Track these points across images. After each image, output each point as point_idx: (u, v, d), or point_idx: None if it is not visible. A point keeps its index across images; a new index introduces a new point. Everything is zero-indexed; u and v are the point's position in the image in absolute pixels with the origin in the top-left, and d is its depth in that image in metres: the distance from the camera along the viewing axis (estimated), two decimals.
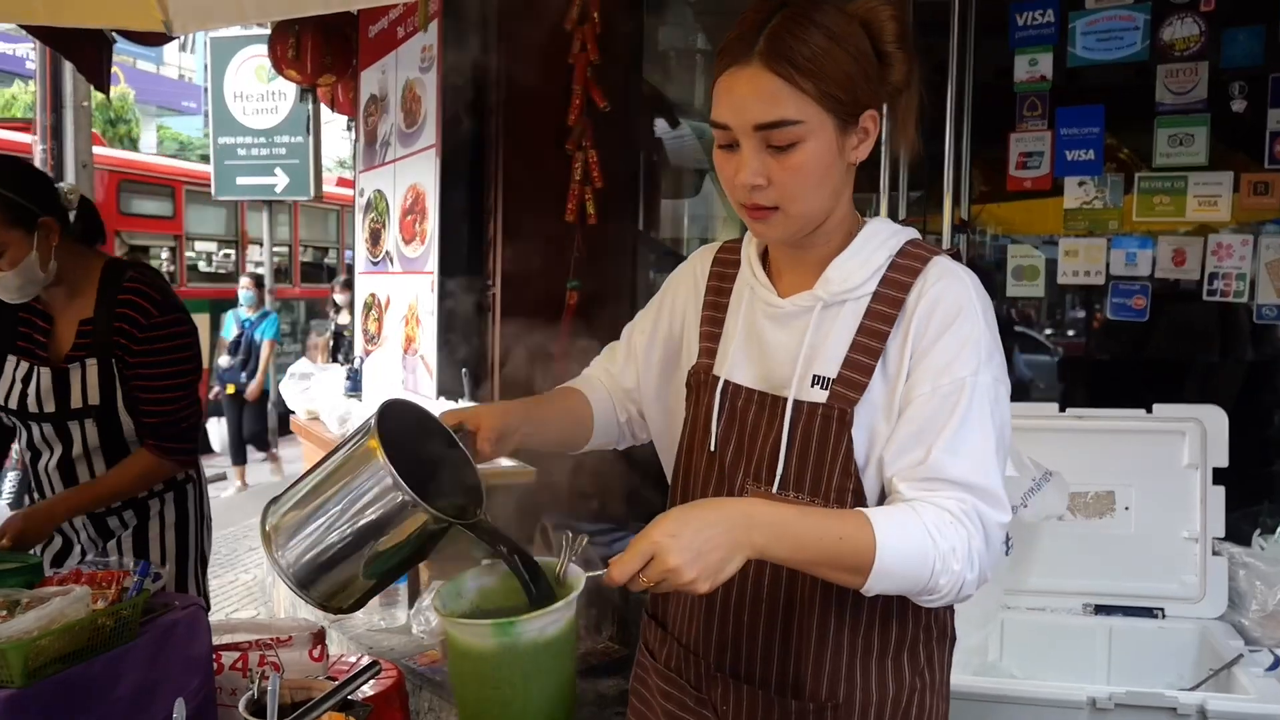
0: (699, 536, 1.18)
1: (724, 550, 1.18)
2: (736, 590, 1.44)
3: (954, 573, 1.24)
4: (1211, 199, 3.40)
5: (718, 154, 1.37)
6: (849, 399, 1.35)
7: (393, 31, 5.13)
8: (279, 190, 10.09)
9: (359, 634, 4.05)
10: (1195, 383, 4.02)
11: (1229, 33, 3.35)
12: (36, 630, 1.50)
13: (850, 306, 1.40)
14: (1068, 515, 2.66)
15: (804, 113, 1.29)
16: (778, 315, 1.45)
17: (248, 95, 10.05)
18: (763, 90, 1.29)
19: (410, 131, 4.87)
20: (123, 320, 2.47)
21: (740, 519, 1.21)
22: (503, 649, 1.23)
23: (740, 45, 1.31)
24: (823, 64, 1.29)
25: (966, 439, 1.30)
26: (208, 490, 2.82)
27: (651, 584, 1.18)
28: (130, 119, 19.52)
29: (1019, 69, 3.64)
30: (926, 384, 1.32)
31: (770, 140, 1.30)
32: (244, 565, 7.14)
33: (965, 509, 1.27)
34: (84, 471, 2.55)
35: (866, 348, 1.37)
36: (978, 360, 1.32)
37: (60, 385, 2.48)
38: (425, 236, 4.67)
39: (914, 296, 1.37)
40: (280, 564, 1.30)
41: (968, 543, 1.25)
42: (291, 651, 1.96)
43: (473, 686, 1.28)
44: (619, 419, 1.68)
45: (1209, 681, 2.36)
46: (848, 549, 1.22)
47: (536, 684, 1.26)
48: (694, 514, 1.22)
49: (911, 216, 3.84)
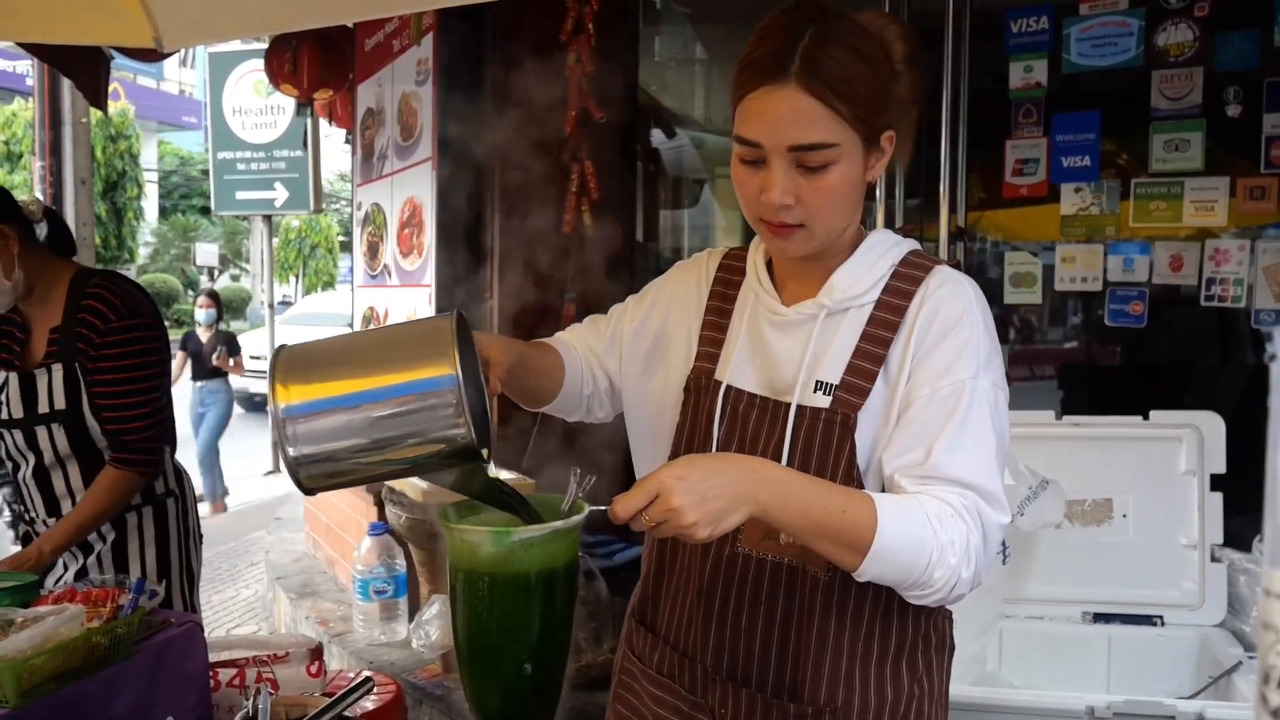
0: (705, 483, 1.19)
1: (728, 500, 1.19)
2: (735, 592, 1.45)
3: (950, 566, 1.25)
4: (1208, 204, 3.39)
5: (739, 168, 1.37)
6: (852, 404, 1.37)
7: (388, 45, 5.14)
8: (279, 204, 10.10)
9: (358, 649, 4.04)
10: (1193, 388, 4.02)
11: (1223, 37, 3.35)
12: (30, 649, 1.49)
13: (854, 314, 1.42)
14: (1065, 523, 2.65)
15: (839, 135, 1.31)
16: (782, 322, 1.47)
17: (246, 110, 10.06)
18: (801, 113, 1.29)
19: (407, 144, 4.88)
20: (83, 325, 2.51)
21: (749, 474, 1.23)
22: (498, 559, 1.22)
23: (774, 63, 1.30)
24: (856, 86, 1.31)
25: (966, 439, 1.31)
26: (194, 504, 2.82)
27: (652, 524, 1.19)
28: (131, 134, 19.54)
29: (1014, 76, 3.64)
30: (926, 387, 1.34)
31: (803, 161, 1.31)
32: (244, 581, 7.12)
33: (966, 504, 1.28)
34: (59, 480, 2.58)
35: (870, 354, 1.39)
36: (977, 364, 1.34)
37: (28, 391, 2.52)
38: (423, 249, 4.67)
39: (916, 304, 1.39)
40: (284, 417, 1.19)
41: (966, 538, 1.26)
42: (289, 668, 1.97)
43: (467, 602, 1.27)
44: (584, 390, 1.65)
45: (1208, 689, 2.35)
46: (849, 523, 1.23)
47: (532, 605, 1.26)
48: (704, 461, 1.25)
49: (909, 224, 3.84)
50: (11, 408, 2.53)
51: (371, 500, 4.56)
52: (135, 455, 2.54)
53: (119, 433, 2.53)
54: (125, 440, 2.54)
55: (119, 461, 2.53)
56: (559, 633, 1.30)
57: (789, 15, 1.34)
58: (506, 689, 1.29)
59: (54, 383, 2.51)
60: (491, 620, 1.26)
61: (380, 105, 5.29)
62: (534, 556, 1.23)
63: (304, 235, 23.68)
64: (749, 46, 1.35)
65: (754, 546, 1.44)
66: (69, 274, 2.59)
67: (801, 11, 1.34)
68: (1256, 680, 0.50)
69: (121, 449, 2.54)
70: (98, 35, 2.76)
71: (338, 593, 4.98)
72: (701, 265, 1.64)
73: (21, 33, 2.59)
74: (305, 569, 5.55)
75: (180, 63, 29.13)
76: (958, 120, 3.66)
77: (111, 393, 2.52)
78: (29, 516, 2.65)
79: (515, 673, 1.27)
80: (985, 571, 1.30)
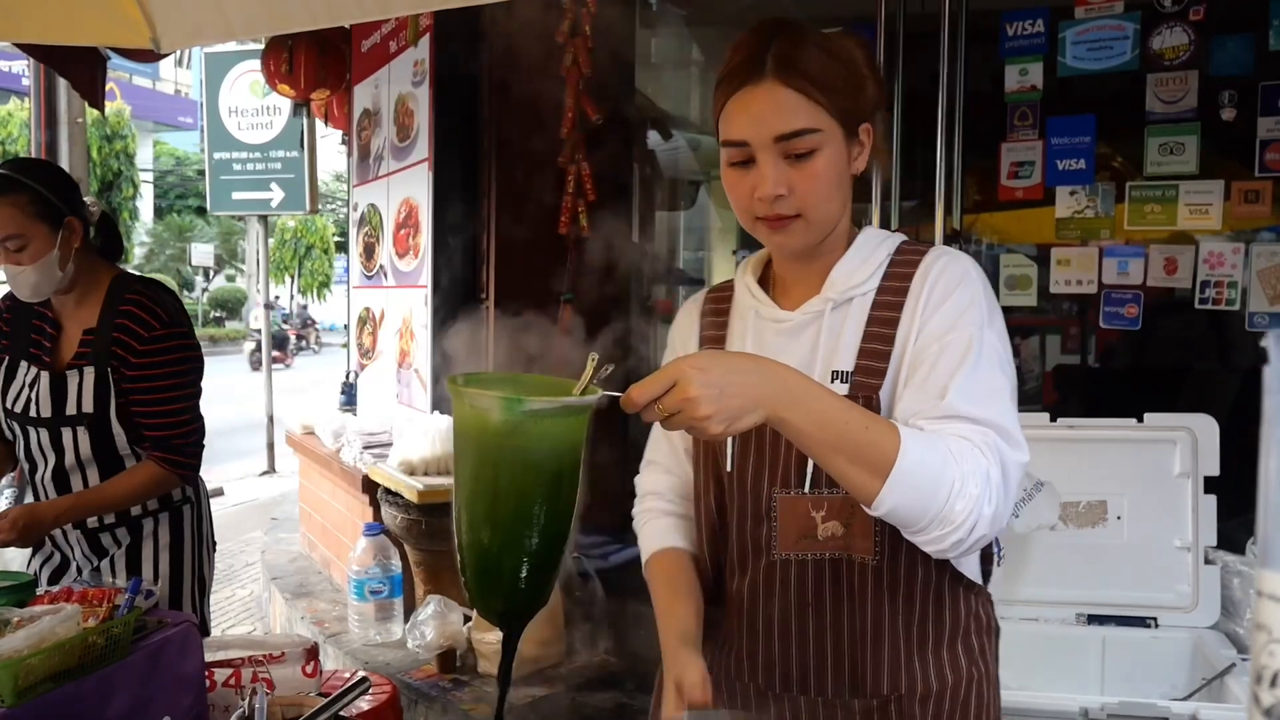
0: (726, 377, 1.16)
1: (747, 400, 1.17)
2: (780, 601, 1.45)
3: (972, 497, 1.21)
4: (1203, 207, 3.40)
5: (730, 173, 1.42)
6: (872, 386, 1.39)
7: (385, 46, 5.15)
8: (274, 205, 10.08)
9: (354, 649, 4.05)
10: (1187, 391, 4.03)
11: (1218, 41, 3.36)
12: (26, 649, 1.49)
13: (858, 302, 1.44)
14: (1060, 525, 2.66)
15: (820, 121, 1.36)
16: (788, 328, 1.48)
17: (242, 110, 10.04)
18: (781, 103, 1.35)
19: (403, 145, 4.88)
20: (122, 331, 2.51)
21: (772, 376, 1.20)
22: (507, 428, 1.18)
23: (748, 67, 1.37)
24: (830, 78, 1.37)
25: (980, 381, 1.30)
26: (209, 512, 2.82)
27: (666, 413, 1.16)
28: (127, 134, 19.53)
29: (1009, 79, 3.65)
30: (934, 343, 1.34)
31: (790, 150, 1.36)
32: (240, 581, 7.13)
33: (987, 441, 1.26)
34: (78, 483, 2.57)
35: (879, 335, 1.41)
36: (981, 319, 1.35)
37: (57, 391, 2.53)
38: (419, 250, 4.68)
39: (918, 279, 1.41)
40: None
41: (987, 472, 1.23)
42: (284, 668, 1.96)
43: (472, 464, 1.23)
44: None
45: (1202, 691, 2.36)
46: (872, 439, 1.20)
47: (538, 482, 1.21)
48: (727, 357, 1.26)
49: (905, 226, 3.84)
50: (40, 406, 2.53)
51: (367, 501, 4.57)
52: (183, 458, 2.58)
53: (168, 438, 2.55)
54: (175, 444, 2.56)
55: (166, 461, 2.55)
56: (562, 516, 1.24)
57: (757, 30, 1.41)
58: (504, 565, 1.23)
59: (84, 385, 2.51)
60: (496, 493, 1.21)
61: (377, 106, 5.30)
62: (544, 430, 1.19)
63: (300, 236, 23.69)
64: (724, 63, 1.42)
65: (791, 549, 1.44)
66: (109, 277, 2.62)
67: (768, 24, 1.40)
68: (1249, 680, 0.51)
69: (171, 451, 2.56)
70: (95, 36, 2.77)
71: (333, 593, 4.98)
72: (688, 315, 1.66)
73: (19, 33, 2.59)
74: (301, 569, 5.55)
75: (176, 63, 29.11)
76: (953, 123, 3.66)
77: (154, 399, 2.53)
78: None
79: (514, 548, 1.23)
80: (1005, 512, 1.27)
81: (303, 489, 6.09)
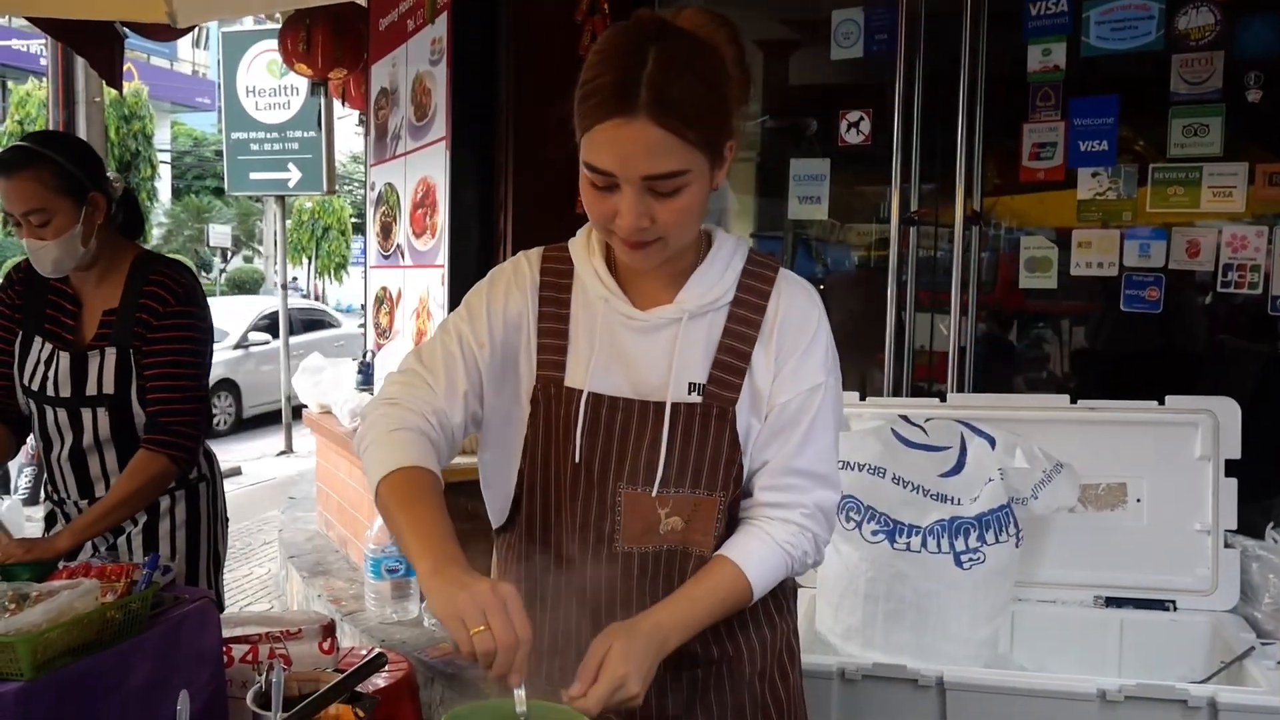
0: (645, 662, 1.34)
1: (653, 660, 1.36)
2: (621, 588, 1.53)
3: (805, 564, 1.54)
4: (1226, 190, 3.37)
5: (590, 191, 1.40)
6: (727, 399, 1.49)
7: (403, 24, 5.13)
8: (292, 185, 10.10)
9: (371, 627, 4.06)
10: (1209, 375, 3.99)
11: (1245, 21, 3.32)
12: (45, 623, 1.49)
13: (711, 316, 1.51)
14: (1079, 507, 2.64)
15: (690, 161, 1.34)
16: (641, 327, 1.51)
17: (260, 90, 10.05)
18: (654, 146, 1.31)
19: (421, 125, 4.87)
20: (144, 310, 2.49)
21: (658, 636, 1.37)
22: None
23: (620, 95, 1.31)
24: (702, 113, 1.34)
25: (816, 437, 1.51)
26: (223, 489, 2.82)
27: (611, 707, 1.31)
28: (144, 115, 19.52)
29: (1032, 59, 3.62)
30: (787, 392, 1.50)
31: (656, 188, 1.35)
32: (258, 559, 7.17)
33: (819, 503, 1.53)
34: (94, 462, 2.55)
35: (735, 351, 1.50)
36: (826, 369, 1.52)
37: (78, 371, 2.50)
38: (436, 230, 4.67)
39: (772, 309, 1.52)
40: None
41: (814, 541, 1.53)
42: (301, 644, 1.97)
43: None
44: (447, 458, 1.52)
45: (1220, 674, 2.34)
46: (733, 602, 1.46)
47: None
48: (640, 638, 1.36)
49: (923, 208, 3.82)
50: (60, 386, 2.50)
51: None
52: (170, 438, 2.47)
53: (158, 414, 2.49)
54: (163, 422, 2.48)
55: (153, 444, 2.46)
56: None
57: (627, 36, 1.35)
58: None
59: (105, 366, 2.48)
60: None
61: (394, 85, 5.28)
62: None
63: (317, 217, 23.68)
64: (589, 70, 1.36)
65: (634, 544, 1.51)
66: (131, 256, 2.58)
67: (640, 29, 1.35)
68: None
69: (159, 430, 2.48)
70: (112, 10, 2.76)
71: (350, 571, 5.00)
72: (523, 272, 1.60)
73: (36, 6, 2.59)
74: (318, 548, 5.57)
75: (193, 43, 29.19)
76: (974, 104, 3.64)
77: (157, 374, 2.49)
78: (58, 496, 2.63)
79: None
80: (827, 541, 1.57)
81: (320, 468, 6.11)
